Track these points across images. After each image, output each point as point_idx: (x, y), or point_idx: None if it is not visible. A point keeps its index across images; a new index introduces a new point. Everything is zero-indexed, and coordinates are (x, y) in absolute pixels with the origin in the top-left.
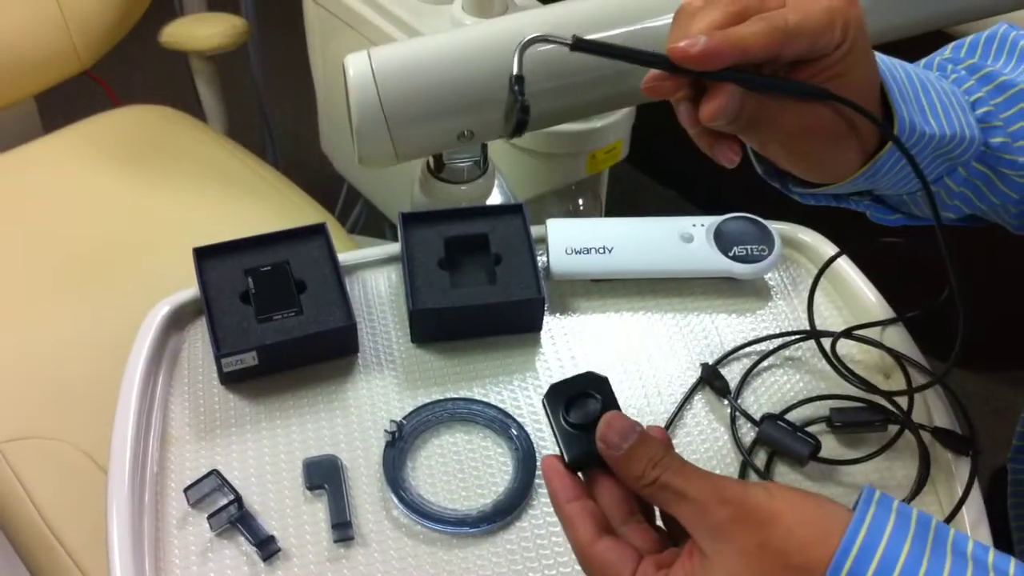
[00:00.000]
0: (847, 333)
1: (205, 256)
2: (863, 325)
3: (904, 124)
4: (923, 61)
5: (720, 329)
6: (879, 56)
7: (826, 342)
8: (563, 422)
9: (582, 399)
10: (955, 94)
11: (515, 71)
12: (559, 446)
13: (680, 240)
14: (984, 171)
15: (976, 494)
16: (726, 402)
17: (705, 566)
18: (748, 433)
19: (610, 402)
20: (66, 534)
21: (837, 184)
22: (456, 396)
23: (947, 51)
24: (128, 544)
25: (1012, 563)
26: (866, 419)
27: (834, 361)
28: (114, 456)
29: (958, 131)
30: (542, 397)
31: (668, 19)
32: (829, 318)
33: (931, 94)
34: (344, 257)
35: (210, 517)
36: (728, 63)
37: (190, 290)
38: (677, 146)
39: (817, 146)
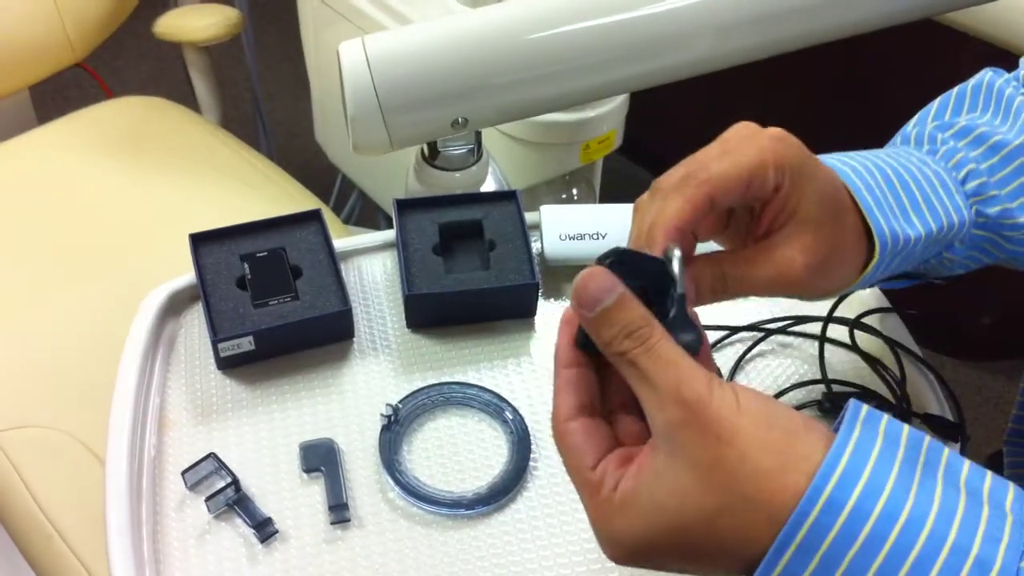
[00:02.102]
0: (857, 323)
1: (201, 242)
2: (868, 312)
3: (885, 237)
4: (911, 124)
5: (713, 313)
6: (851, 165)
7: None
8: None
9: (636, 288)
10: (940, 177)
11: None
12: None
13: None
14: (986, 235)
15: None
16: None
17: (656, 469)
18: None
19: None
20: (63, 523)
21: (837, 294)
22: (451, 380)
23: (932, 110)
24: (126, 527)
25: (1010, 492)
26: None
27: (851, 344)
28: (112, 440)
29: (945, 222)
30: (604, 257)
31: (666, 6)
32: (821, 304)
33: (912, 190)
34: (339, 243)
35: (208, 500)
36: (670, 241)
37: (186, 276)
38: (671, 136)
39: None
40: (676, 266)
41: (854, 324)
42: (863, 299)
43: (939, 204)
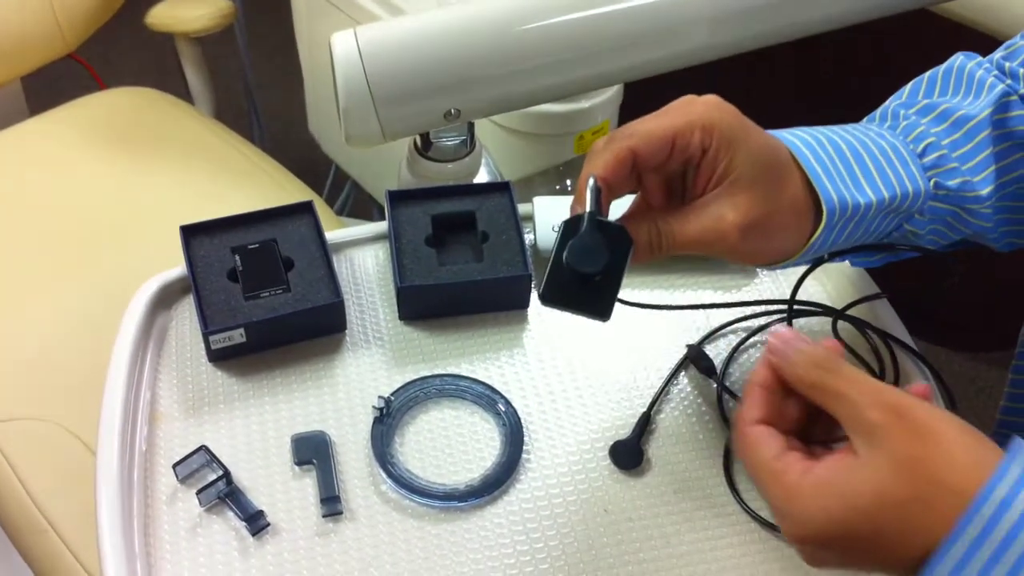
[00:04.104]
0: (842, 313)
1: (192, 234)
2: (855, 302)
3: (832, 203)
4: (879, 110)
5: (706, 306)
6: (800, 136)
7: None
8: (559, 261)
9: (594, 248)
10: (896, 150)
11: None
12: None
13: None
14: (949, 208)
15: None
16: (712, 381)
17: (855, 466)
18: (735, 410)
19: (616, 267)
20: (55, 515)
21: (788, 260)
22: (444, 372)
23: (905, 93)
24: (117, 520)
25: None
26: None
27: (834, 335)
28: (103, 433)
29: (898, 190)
30: (563, 221)
31: None
32: (814, 294)
33: (864, 161)
34: (331, 235)
35: (199, 492)
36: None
37: (178, 268)
38: None
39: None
40: (588, 194)
41: (839, 315)
42: (854, 287)
43: (892, 173)
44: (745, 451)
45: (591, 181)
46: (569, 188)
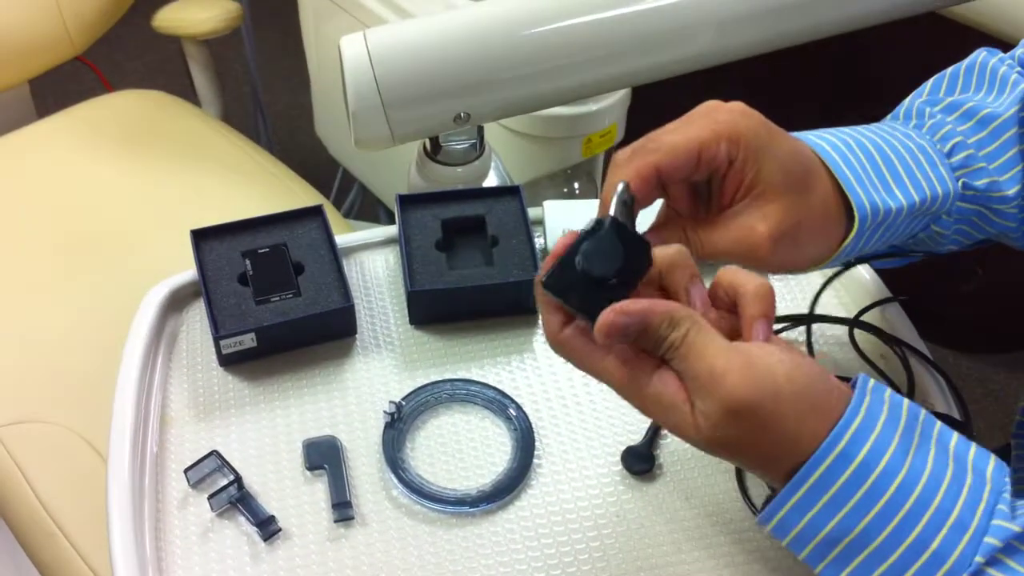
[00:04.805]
0: (856, 321)
1: (203, 238)
2: (867, 308)
3: (864, 209)
4: (903, 104)
5: None
6: (828, 140)
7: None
8: (573, 254)
9: (608, 254)
10: (924, 151)
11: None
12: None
13: None
14: (975, 208)
15: None
16: None
17: (696, 426)
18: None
19: (629, 280)
20: (65, 519)
21: (816, 266)
22: (455, 377)
23: (926, 89)
24: (129, 525)
25: (991, 461)
26: None
27: (852, 343)
28: (114, 438)
29: (928, 193)
30: (593, 219)
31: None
32: (827, 299)
33: (894, 164)
34: (342, 239)
35: (210, 497)
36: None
37: (188, 272)
38: None
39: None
40: (615, 199)
41: (854, 323)
42: (866, 292)
43: (922, 176)
44: (571, 360)
45: (620, 187)
46: (577, 191)
